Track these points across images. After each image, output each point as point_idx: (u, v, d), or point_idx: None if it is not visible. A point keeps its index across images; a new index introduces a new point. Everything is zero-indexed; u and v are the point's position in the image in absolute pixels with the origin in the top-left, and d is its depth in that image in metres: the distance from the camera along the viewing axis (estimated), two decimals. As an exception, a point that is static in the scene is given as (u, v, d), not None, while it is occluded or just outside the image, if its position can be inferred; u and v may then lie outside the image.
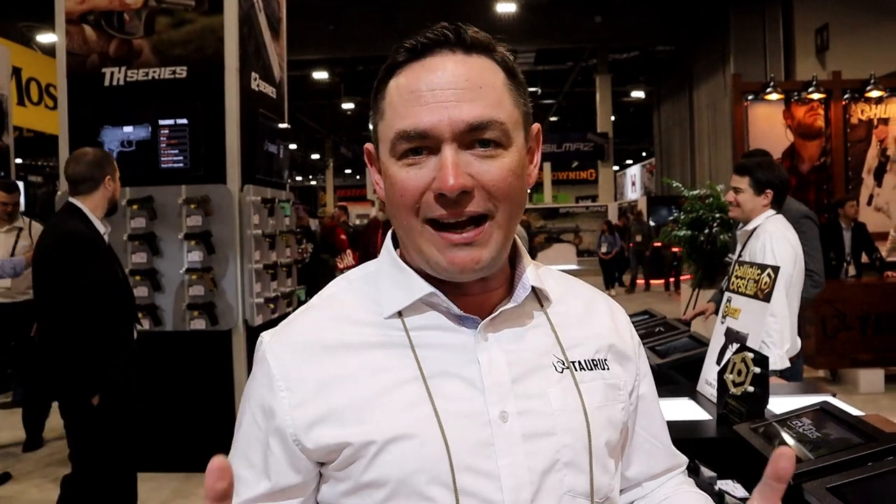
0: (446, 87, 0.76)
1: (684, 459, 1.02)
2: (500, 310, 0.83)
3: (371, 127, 0.85)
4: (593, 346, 0.89)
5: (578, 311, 0.91)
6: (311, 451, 0.79)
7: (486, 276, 0.83)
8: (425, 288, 0.82)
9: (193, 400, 4.29)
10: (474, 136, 0.76)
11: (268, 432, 0.81)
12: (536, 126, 0.86)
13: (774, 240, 2.85)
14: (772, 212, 2.98)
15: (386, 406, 0.78)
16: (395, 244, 0.88)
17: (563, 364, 0.85)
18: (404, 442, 0.76)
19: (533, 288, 0.86)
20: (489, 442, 0.78)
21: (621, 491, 0.95)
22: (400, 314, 0.83)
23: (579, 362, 0.86)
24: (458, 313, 0.82)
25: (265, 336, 0.87)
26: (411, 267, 0.84)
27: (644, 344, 2.74)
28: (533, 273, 0.87)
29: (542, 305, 0.88)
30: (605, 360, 0.89)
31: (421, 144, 0.77)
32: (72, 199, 2.99)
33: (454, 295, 0.82)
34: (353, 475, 0.78)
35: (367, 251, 8.48)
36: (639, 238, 14.42)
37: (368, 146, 0.87)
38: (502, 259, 0.82)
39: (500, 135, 0.77)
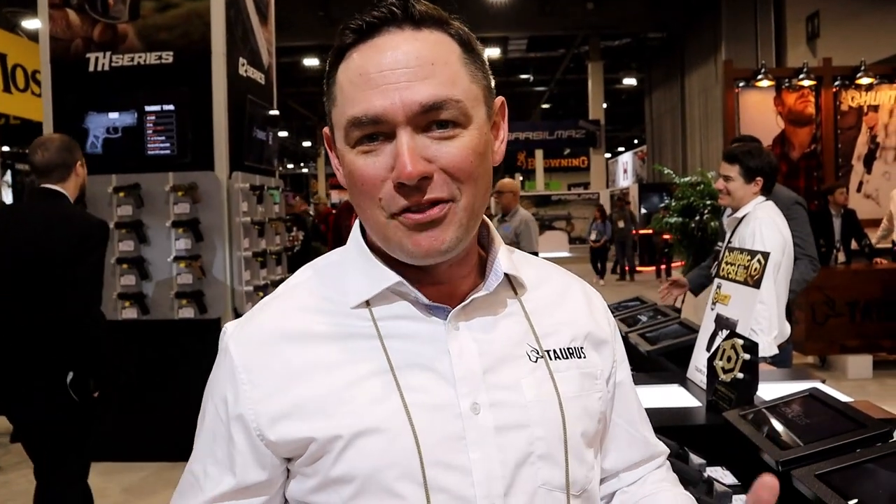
0: (396, 68, 0.72)
1: (664, 449, 0.99)
2: (470, 298, 0.80)
3: (326, 111, 0.81)
4: (569, 334, 0.86)
5: (553, 298, 0.89)
6: (276, 446, 0.77)
7: (455, 262, 0.80)
8: (392, 277, 0.79)
9: (183, 389, 4.26)
10: (430, 118, 0.72)
11: (231, 427, 0.79)
12: (500, 99, 0.82)
13: (764, 226, 2.84)
14: (761, 198, 2.97)
15: (353, 399, 0.75)
16: (363, 231, 0.85)
17: (538, 353, 0.82)
18: (372, 436, 0.74)
19: (506, 274, 0.84)
20: (460, 435, 0.75)
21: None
22: (367, 304, 0.80)
23: (554, 351, 0.83)
24: (426, 303, 0.79)
25: (228, 327, 0.84)
26: (379, 254, 0.81)
27: (634, 330, 2.76)
28: (506, 259, 0.84)
29: (515, 293, 0.85)
30: (581, 347, 0.86)
31: (375, 130, 0.73)
32: (49, 186, 2.79)
33: (424, 283, 0.80)
34: (320, 471, 0.76)
35: (339, 235, 8.42)
36: (621, 224, 14.34)
37: (326, 131, 0.83)
38: (468, 240, 0.79)
39: (457, 114, 0.73)
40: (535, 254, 5.51)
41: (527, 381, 0.80)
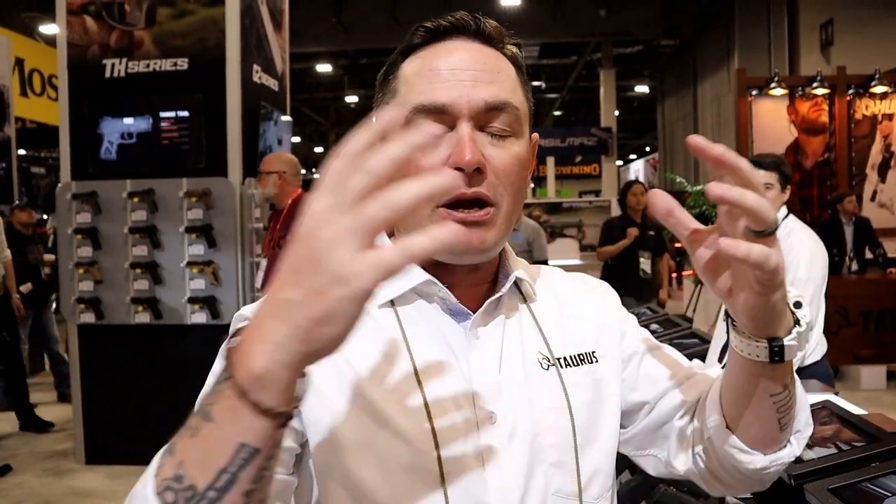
0: (466, 68, 0.77)
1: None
2: (487, 302, 0.81)
3: (377, 106, 0.83)
4: (579, 339, 0.87)
5: (563, 303, 0.89)
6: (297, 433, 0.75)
7: (478, 266, 0.82)
8: (421, 275, 0.79)
9: (194, 394, 4.29)
10: (490, 118, 0.77)
11: None
12: (535, 136, 0.86)
13: (803, 242, 2.82)
14: (785, 210, 2.93)
15: (377, 400, 0.76)
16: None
17: (549, 361, 0.83)
18: (393, 439, 0.74)
19: (518, 285, 0.85)
20: (477, 443, 0.76)
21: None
22: (392, 304, 0.81)
23: (565, 358, 0.84)
24: (453, 304, 0.80)
25: (246, 312, 0.81)
26: None
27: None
28: (516, 265, 0.87)
29: (526, 301, 0.87)
30: (593, 352, 0.86)
31: (437, 120, 0.75)
32: None
33: (445, 286, 0.81)
34: (338, 473, 0.75)
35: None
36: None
37: None
38: (502, 245, 0.82)
39: (513, 120, 0.78)
40: (545, 261, 5.50)
41: (538, 389, 0.81)
